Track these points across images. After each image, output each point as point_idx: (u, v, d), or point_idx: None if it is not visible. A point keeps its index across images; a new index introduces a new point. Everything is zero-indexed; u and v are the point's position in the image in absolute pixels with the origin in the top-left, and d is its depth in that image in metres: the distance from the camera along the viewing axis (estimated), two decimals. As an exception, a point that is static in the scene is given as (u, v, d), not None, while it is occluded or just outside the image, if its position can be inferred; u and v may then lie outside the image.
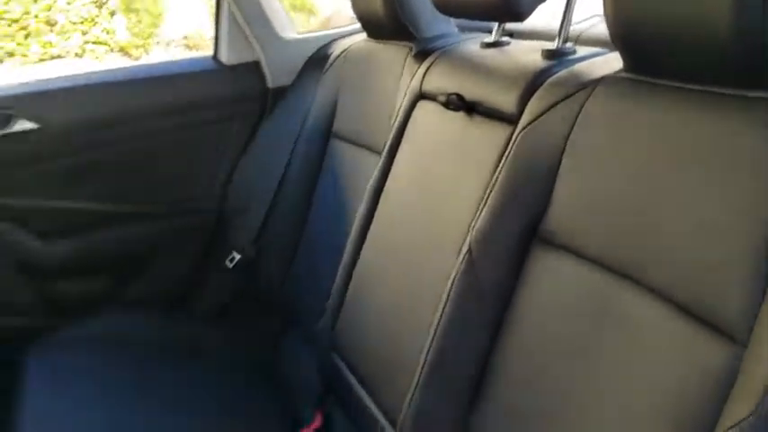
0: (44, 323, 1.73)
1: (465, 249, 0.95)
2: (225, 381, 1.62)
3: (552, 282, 0.87)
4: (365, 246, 1.28)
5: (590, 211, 0.85)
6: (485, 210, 0.96)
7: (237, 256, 1.82)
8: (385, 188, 1.29)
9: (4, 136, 1.66)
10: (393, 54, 1.45)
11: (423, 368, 0.97)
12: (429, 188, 1.17)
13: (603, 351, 0.78)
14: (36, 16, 5.63)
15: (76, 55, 5.76)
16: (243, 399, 1.55)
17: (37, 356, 1.54)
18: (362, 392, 1.18)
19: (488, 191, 0.98)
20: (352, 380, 1.22)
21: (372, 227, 1.28)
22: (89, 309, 1.80)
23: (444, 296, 0.96)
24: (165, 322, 1.79)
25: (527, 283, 0.91)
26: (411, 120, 1.30)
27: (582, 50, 1.09)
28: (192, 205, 1.91)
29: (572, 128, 0.90)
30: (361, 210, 1.32)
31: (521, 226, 0.92)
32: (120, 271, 1.86)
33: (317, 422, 1.37)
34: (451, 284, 0.96)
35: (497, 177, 0.98)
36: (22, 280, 1.78)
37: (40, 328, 1.69)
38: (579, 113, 0.90)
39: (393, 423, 1.05)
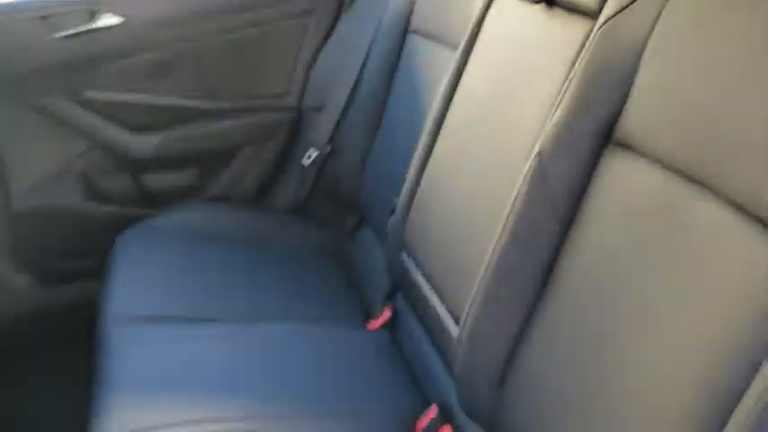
0: (134, 213, 1.83)
1: (536, 151, 0.93)
2: (301, 272, 1.68)
3: (624, 187, 0.84)
4: (437, 144, 1.27)
5: (669, 114, 0.80)
6: (558, 110, 0.92)
7: (314, 153, 1.85)
8: (459, 86, 1.26)
9: (90, 31, 1.71)
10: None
11: (487, 270, 0.97)
12: (503, 86, 1.14)
13: (671, 262, 0.75)
14: None
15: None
16: (317, 290, 1.61)
17: (128, 243, 1.64)
18: (428, 290, 1.20)
19: (563, 90, 0.94)
20: (420, 277, 1.24)
21: (445, 125, 1.26)
22: (176, 201, 1.89)
23: (512, 199, 0.95)
24: (246, 216, 1.86)
25: (598, 188, 0.88)
26: (488, 15, 1.26)
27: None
28: (273, 101, 1.93)
29: (655, 25, 0.84)
30: (434, 108, 1.30)
31: (595, 128, 0.89)
32: (205, 166, 1.92)
33: (386, 316, 1.41)
34: (520, 187, 0.94)
35: (573, 76, 0.93)
36: (115, 171, 1.87)
37: (131, 218, 1.80)
38: (664, 9, 0.84)
39: (456, 321, 1.06)
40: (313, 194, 1.91)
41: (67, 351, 1.63)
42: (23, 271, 1.83)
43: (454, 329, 1.06)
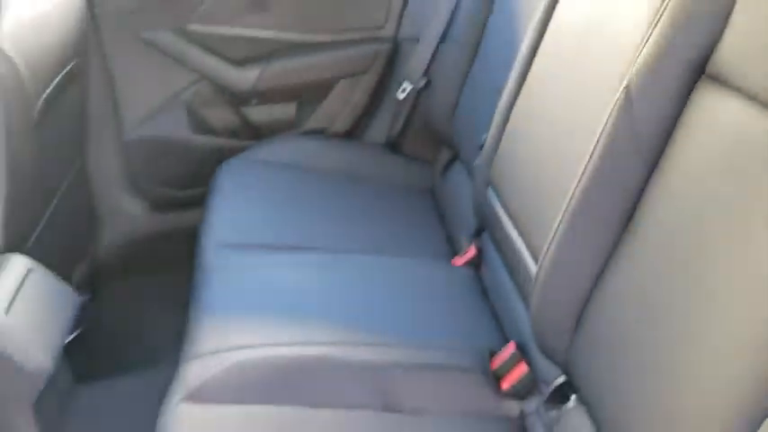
0: (235, 144, 1.90)
1: (624, 84, 0.89)
2: (392, 206, 1.71)
3: (714, 124, 0.80)
4: (527, 80, 1.23)
5: (769, 48, 0.74)
6: (649, 41, 0.87)
7: (408, 87, 1.84)
8: (551, 20, 1.21)
9: (194, -35, 1.75)
10: None
11: (567, 209, 0.95)
12: (593, 19, 1.08)
13: (762, 211, 0.71)
14: None
15: None
16: (407, 224, 1.64)
17: (227, 173, 1.71)
18: (511, 228, 1.19)
19: (656, 20, 0.88)
20: (503, 215, 1.23)
21: (536, 60, 1.22)
22: (274, 134, 1.94)
23: (597, 135, 0.92)
24: (341, 150, 1.89)
25: (686, 124, 0.83)
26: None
27: None
28: (370, 33, 1.92)
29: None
30: (525, 42, 1.26)
31: (687, 61, 0.83)
32: (302, 99, 1.96)
33: (471, 253, 1.41)
34: (606, 123, 0.91)
35: (667, 4, 0.88)
36: (218, 103, 1.94)
37: (233, 149, 1.87)
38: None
39: (536, 260, 1.06)
40: (407, 129, 1.91)
41: (172, 273, 1.74)
42: (136, 197, 1.95)
43: (533, 268, 1.05)
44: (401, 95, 1.85)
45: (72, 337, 1.54)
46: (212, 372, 1.04)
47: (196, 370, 1.05)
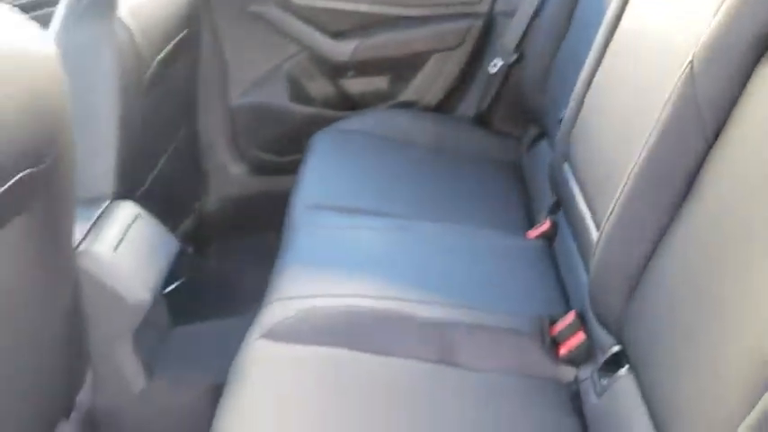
0: (331, 115, 2.00)
1: (688, 59, 0.90)
2: (476, 179, 1.75)
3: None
4: (605, 57, 1.25)
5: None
6: (717, 16, 0.88)
7: (500, 62, 1.87)
8: (632, -2, 1.22)
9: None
10: None
11: (629, 180, 0.97)
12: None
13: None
14: None
15: None
16: (488, 197, 1.68)
17: (321, 141, 1.81)
18: (582, 202, 1.21)
19: None
20: (576, 189, 1.25)
21: (615, 37, 1.23)
22: (368, 106, 2.02)
23: (660, 110, 0.93)
24: (431, 123, 1.94)
25: (748, 101, 0.83)
26: None
27: None
28: (465, 7, 1.96)
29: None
30: (606, 18, 1.27)
31: (753, 37, 0.83)
32: (396, 72, 2.02)
33: (545, 227, 1.44)
34: (669, 97, 0.92)
35: None
36: (317, 74, 2.04)
37: (329, 119, 1.96)
38: None
39: (598, 228, 1.08)
40: (496, 104, 1.94)
41: (267, 233, 1.87)
42: (238, 161, 2.09)
43: (595, 235, 1.08)
44: (492, 70, 1.89)
45: (174, 285, 1.70)
46: (289, 314, 1.14)
47: (275, 311, 1.16)
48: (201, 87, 1.95)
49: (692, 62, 0.89)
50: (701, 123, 0.88)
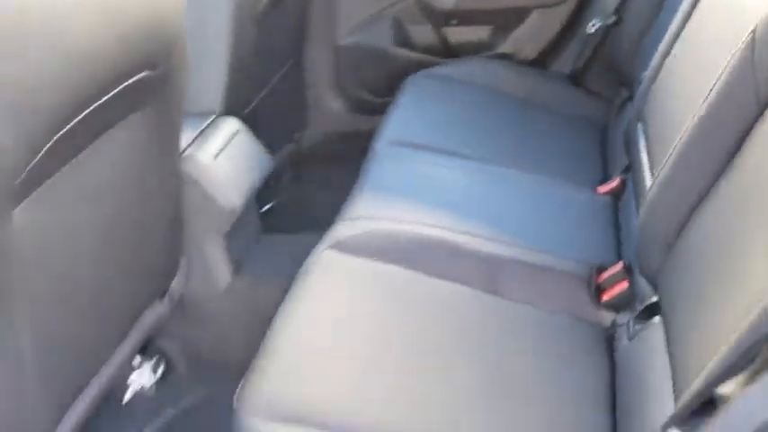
0: (430, 60, 2.08)
1: (751, 29, 0.93)
2: (560, 134, 1.80)
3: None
4: (687, 25, 1.28)
5: None
6: None
7: (598, 23, 1.89)
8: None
9: None
10: None
11: (682, 137, 1.02)
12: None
13: None
14: None
15: None
16: (569, 152, 1.73)
17: (415, 83, 1.90)
18: (645, 158, 1.26)
19: None
20: (643, 147, 1.30)
21: (698, 5, 1.26)
22: (466, 54, 2.09)
23: (719, 73, 0.97)
24: (524, 77, 1.99)
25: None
26: None
27: None
28: None
29: None
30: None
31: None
32: (497, 24, 2.08)
33: (614, 184, 1.50)
34: (728, 63, 0.96)
35: None
36: (421, 20, 2.12)
37: (427, 64, 2.05)
38: None
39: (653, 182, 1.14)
40: (591, 64, 1.96)
41: (358, 166, 2.00)
42: (338, 97, 2.22)
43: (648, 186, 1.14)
44: (590, 30, 1.91)
45: (269, 206, 1.87)
46: (357, 231, 1.27)
47: (345, 228, 1.29)
48: (311, 24, 2.08)
49: (753, 32, 0.93)
50: (756, 86, 0.92)
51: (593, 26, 1.90)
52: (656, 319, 1.07)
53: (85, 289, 1.03)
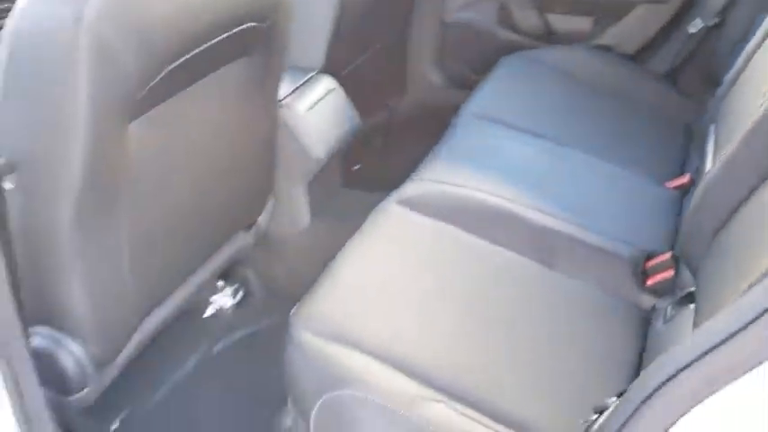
0: (530, 44, 2.13)
1: None
2: (641, 128, 1.82)
3: None
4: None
5: None
6: None
7: (700, 23, 1.89)
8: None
9: None
10: None
11: (735, 140, 1.07)
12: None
13: None
14: None
15: None
16: (646, 146, 1.74)
17: (507, 64, 1.97)
18: (710, 158, 1.30)
19: None
20: (711, 148, 1.34)
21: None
22: (566, 42, 2.13)
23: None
24: (618, 69, 2.01)
25: None
26: None
27: None
28: None
29: None
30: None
31: None
32: (600, 15, 2.10)
33: (682, 180, 1.53)
34: None
35: None
36: (527, 5, 2.17)
37: (527, 47, 2.10)
38: None
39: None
40: (688, 63, 1.97)
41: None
42: (438, 71, 2.31)
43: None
44: (692, 30, 1.91)
45: (357, 167, 2.00)
46: (424, 191, 1.38)
47: (414, 186, 1.40)
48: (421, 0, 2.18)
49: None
50: None
51: (694, 26, 1.91)
52: (691, 306, 1.13)
53: (181, 206, 1.20)
